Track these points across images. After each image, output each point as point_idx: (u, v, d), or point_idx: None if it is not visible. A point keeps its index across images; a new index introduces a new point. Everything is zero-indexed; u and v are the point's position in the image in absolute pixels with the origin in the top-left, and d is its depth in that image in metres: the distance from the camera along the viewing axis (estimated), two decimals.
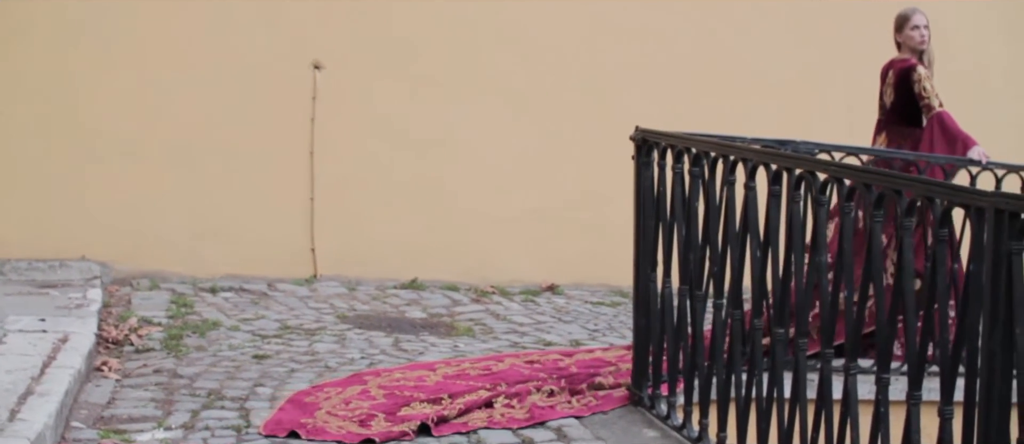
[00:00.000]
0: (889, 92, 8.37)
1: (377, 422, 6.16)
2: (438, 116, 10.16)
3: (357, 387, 6.77)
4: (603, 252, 10.00)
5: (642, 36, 10.59)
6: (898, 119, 8.35)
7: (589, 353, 7.79)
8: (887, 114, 8.42)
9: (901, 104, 8.29)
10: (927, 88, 8.14)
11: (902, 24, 8.39)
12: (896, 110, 8.33)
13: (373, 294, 9.59)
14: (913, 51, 8.34)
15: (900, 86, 8.26)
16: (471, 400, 6.48)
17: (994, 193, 4.13)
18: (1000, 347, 4.03)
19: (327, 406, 6.40)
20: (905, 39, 8.37)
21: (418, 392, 6.63)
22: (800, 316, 5.17)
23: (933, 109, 8.12)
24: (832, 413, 4.94)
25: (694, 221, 6.01)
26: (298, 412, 6.29)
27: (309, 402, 6.48)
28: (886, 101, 8.41)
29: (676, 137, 6.24)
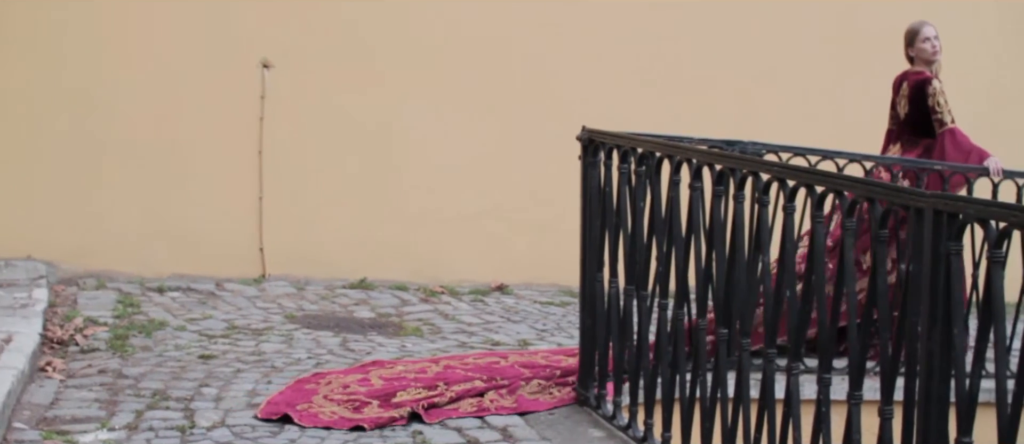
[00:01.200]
0: (903, 103, 8.47)
1: (370, 408, 6.33)
2: (387, 116, 10.14)
3: (358, 375, 6.95)
4: (553, 252, 10.01)
5: (591, 36, 10.61)
6: (911, 130, 8.45)
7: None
8: (900, 125, 8.52)
9: (915, 116, 8.39)
10: (941, 102, 8.25)
11: (913, 38, 8.51)
12: (909, 121, 8.44)
13: (322, 294, 9.56)
14: (926, 63, 8.45)
15: (914, 98, 8.37)
16: (464, 389, 6.63)
17: (933, 194, 4.14)
18: (938, 347, 4.06)
19: (325, 391, 6.59)
20: (918, 52, 8.49)
21: (416, 382, 6.76)
22: (743, 316, 5.19)
23: (945, 124, 8.24)
24: (775, 413, 4.96)
25: (640, 221, 6.02)
26: (296, 396, 6.47)
27: (309, 389, 6.65)
28: (900, 112, 8.51)
29: (622, 137, 6.25)
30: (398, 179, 10.22)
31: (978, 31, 11.72)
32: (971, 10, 11.88)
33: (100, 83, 9.61)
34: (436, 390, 6.60)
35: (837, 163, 7.81)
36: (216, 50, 9.82)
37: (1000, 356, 3.89)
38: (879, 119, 11.13)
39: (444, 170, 10.28)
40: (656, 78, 10.71)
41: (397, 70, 10.20)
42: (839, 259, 4.66)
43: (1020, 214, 3.76)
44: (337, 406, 6.35)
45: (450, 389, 6.62)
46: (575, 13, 10.58)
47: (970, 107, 9.49)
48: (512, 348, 8.14)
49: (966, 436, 4.00)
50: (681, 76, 10.80)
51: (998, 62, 11.86)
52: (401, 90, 10.20)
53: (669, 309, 5.80)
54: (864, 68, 11.37)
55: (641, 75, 10.68)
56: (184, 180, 9.80)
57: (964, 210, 3.98)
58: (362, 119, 10.11)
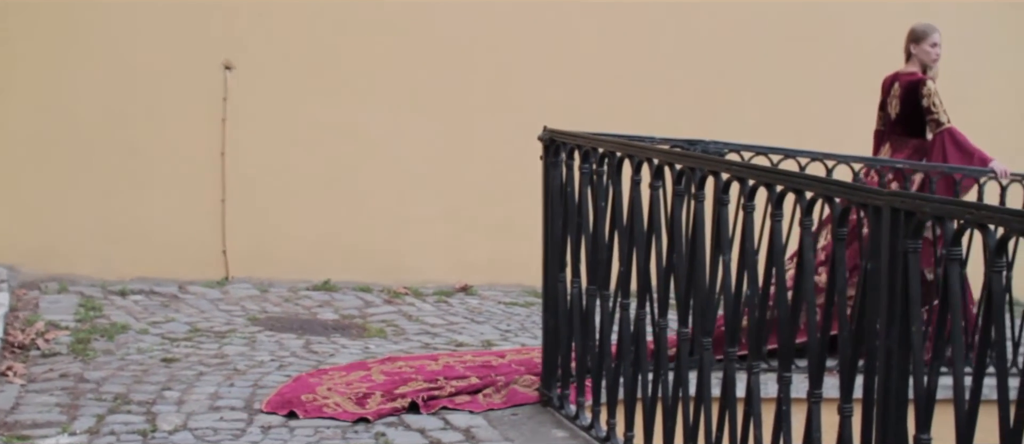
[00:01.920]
0: (895, 103, 8.58)
1: (373, 399, 6.54)
2: (350, 117, 10.12)
3: (360, 371, 7.13)
4: (516, 252, 10.01)
5: (552, 36, 10.62)
6: (901, 130, 8.57)
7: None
8: (891, 125, 8.62)
9: (906, 116, 8.49)
10: (936, 103, 8.35)
11: (921, 38, 8.58)
12: (900, 121, 8.54)
13: (285, 296, 9.54)
14: (922, 66, 8.55)
15: (907, 98, 8.45)
16: (462, 385, 6.78)
17: (890, 192, 4.16)
18: (897, 345, 4.08)
19: (328, 384, 6.79)
20: (920, 53, 8.57)
21: (417, 375, 6.99)
22: (704, 315, 5.20)
23: (942, 124, 8.35)
24: (735, 411, 4.97)
25: (601, 221, 6.03)
26: (300, 390, 6.66)
27: (312, 383, 6.82)
28: (891, 112, 8.61)
29: (583, 137, 6.26)
30: (361, 180, 10.20)
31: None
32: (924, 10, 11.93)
33: (61, 85, 9.57)
34: (436, 384, 6.78)
35: (799, 162, 7.83)
36: (178, 52, 9.79)
37: (957, 353, 3.90)
38: (839, 117, 11.22)
39: (407, 171, 10.27)
40: (618, 78, 10.73)
41: (360, 72, 10.18)
42: (798, 262, 4.69)
43: (976, 212, 3.78)
44: (340, 398, 6.54)
45: (449, 384, 6.79)
46: (536, 14, 10.59)
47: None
48: (478, 349, 8.14)
49: (924, 433, 4.03)
50: (643, 76, 10.82)
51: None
52: (364, 92, 10.18)
53: (631, 309, 5.81)
54: (826, 67, 11.43)
55: (603, 75, 10.70)
56: (146, 182, 9.76)
57: (921, 208, 4.00)
58: (325, 120, 10.09)
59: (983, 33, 11.97)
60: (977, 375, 3.83)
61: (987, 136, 8.96)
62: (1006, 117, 11.73)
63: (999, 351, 3.80)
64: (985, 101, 11.56)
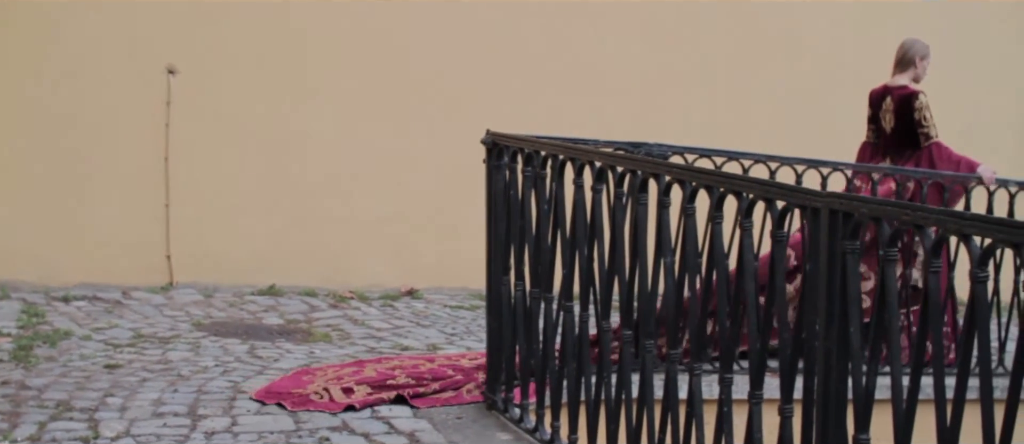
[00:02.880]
0: (889, 118, 8.67)
1: (360, 389, 6.79)
2: (293, 121, 10.11)
3: (352, 367, 7.38)
4: (461, 255, 9.99)
5: (495, 38, 10.63)
6: (899, 142, 8.66)
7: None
8: (886, 139, 8.71)
9: (901, 129, 8.59)
10: (927, 116, 8.49)
11: (925, 54, 8.72)
12: (897, 134, 8.64)
13: (230, 301, 9.51)
14: (914, 80, 8.68)
15: (900, 111, 8.56)
16: (448, 382, 6.96)
17: (829, 193, 4.18)
18: (836, 345, 4.10)
19: (321, 380, 7.03)
20: (922, 69, 8.70)
21: (403, 371, 7.22)
22: (646, 319, 5.21)
23: (931, 138, 8.50)
24: (678, 413, 4.99)
25: (544, 224, 6.03)
26: (291, 384, 6.95)
27: (305, 380, 7.06)
28: (886, 127, 8.70)
29: (526, 140, 6.27)
30: (306, 185, 10.18)
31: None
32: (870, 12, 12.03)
33: (2, 90, 9.50)
34: (423, 382, 6.93)
35: (742, 164, 7.86)
36: (121, 56, 9.76)
37: (895, 354, 3.92)
38: (782, 120, 11.29)
39: (353, 175, 10.26)
40: (562, 81, 10.75)
41: (304, 75, 10.17)
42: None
43: (912, 213, 3.80)
44: (329, 389, 6.80)
45: (435, 382, 6.92)
46: (479, 17, 10.60)
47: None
48: (421, 352, 8.14)
49: (863, 433, 4.05)
50: (587, 79, 10.85)
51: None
52: (308, 95, 10.17)
53: (575, 311, 5.82)
54: (769, 70, 11.48)
55: (547, 78, 10.72)
56: (89, 187, 9.72)
57: (859, 209, 4.02)
58: (270, 125, 10.08)
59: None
60: (914, 376, 3.85)
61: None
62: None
63: (937, 350, 3.83)
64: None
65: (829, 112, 11.63)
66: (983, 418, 3.54)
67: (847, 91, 11.61)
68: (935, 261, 3.77)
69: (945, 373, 3.73)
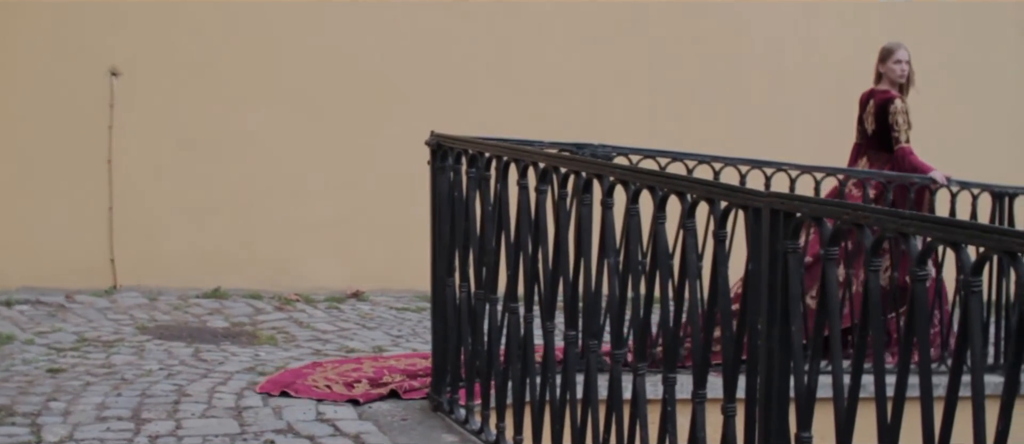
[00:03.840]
0: (870, 120, 8.89)
1: (361, 385, 7.03)
2: (237, 123, 10.08)
3: (352, 364, 7.60)
4: (407, 258, 9.98)
5: (439, 40, 10.63)
6: (877, 144, 8.89)
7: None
8: (867, 140, 8.94)
9: (879, 131, 8.83)
10: (899, 121, 8.70)
11: (886, 57, 8.92)
12: (876, 136, 8.87)
13: (175, 304, 9.47)
14: (893, 83, 8.87)
15: (879, 115, 8.78)
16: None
17: (769, 193, 4.21)
18: (778, 344, 4.12)
19: (322, 373, 7.30)
20: (887, 71, 8.92)
21: (399, 369, 7.41)
22: (590, 319, 5.23)
23: (899, 142, 8.71)
24: (622, 413, 5.00)
25: (489, 225, 6.03)
26: (294, 377, 7.18)
27: (305, 372, 7.35)
28: (867, 128, 8.91)
29: (470, 142, 6.27)
30: (251, 187, 10.16)
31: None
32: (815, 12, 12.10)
33: None
34: (416, 379, 7.10)
35: (686, 165, 7.88)
36: (63, 58, 9.70)
37: (835, 353, 3.95)
38: (728, 121, 11.34)
39: (297, 178, 10.24)
40: (506, 82, 10.77)
41: (248, 77, 10.14)
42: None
43: (852, 213, 3.83)
44: (330, 382, 7.05)
45: (427, 377, 7.03)
46: (422, 19, 10.60)
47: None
48: (367, 354, 8.13)
49: (806, 431, 4.07)
50: (532, 80, 10.87)
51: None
52: (253, 97, 10.14)
53: (519, 313, 5.82)
54: (713, 71, 11.53)
55: (491, 79, 10.73)
56: (32, 191, 9.66)
57: (800, 209, 4.05)
58: (213, 127, 10.04)
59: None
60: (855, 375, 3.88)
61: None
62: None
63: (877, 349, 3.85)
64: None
65: (773, 112, 11.71)
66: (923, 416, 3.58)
67: (791, 92, 11.71)
68: (874, 261, 3.80)
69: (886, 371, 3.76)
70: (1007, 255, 3.31)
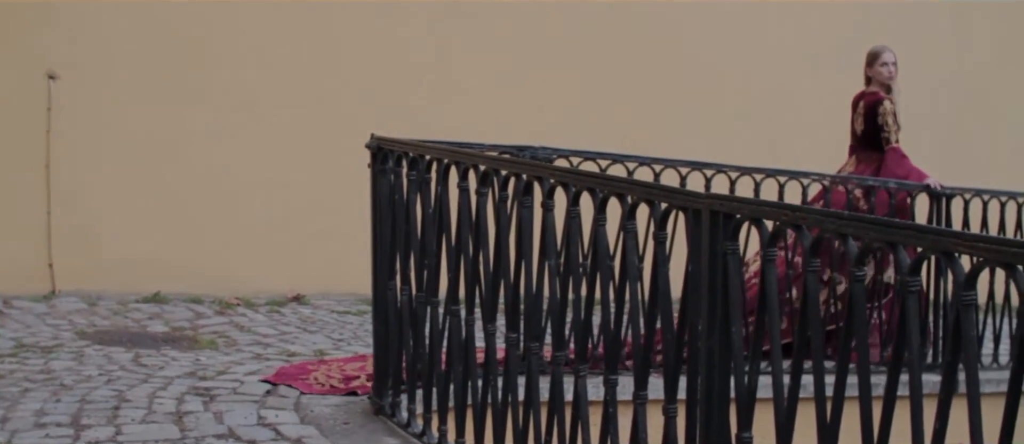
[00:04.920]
0: (859, 121, 9.16)
1: (359, 380, 7.23)
2: (177, 127, 10.03)
3: (358, 363, 7.81)
4: (348, 261, 9.97)
5: (380, 43, 10.62)
6: (866, 145, 9.17)
7: None
8: (857, 140, 9.23)
9: (868, 132, 9.09)
10: (888, 122, 8.97)
11: (873, 60, 9.19)
12: (865, 137, 9.13)
13: (114, 309, 9.41)
14: (882, 85, 9.12)
15: (868, 116, 9.04)
16: None
17: (709, 195, 4.23)
18: (718, 345, 4.14)
19: (325, 369, 7.53)
20: (875, 74, 9.17)
21: None
22: (531, 321, 5.24)
23: (889, 142, 8.98)
24: (564, 415, 5.01)
25: (430, 228, 6.03)
26: (298, 371, 7.46)
27: (310, 368, 7.58)
28: (857, 129, 9.19)
29: (410, 145, 6.26)
30: (191, 191, 10.11)
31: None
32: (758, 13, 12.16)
33: None
34: None
35: (627, 167, 7.91)
36: None
37: (776, 353, 3.97)
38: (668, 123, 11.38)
39: (235, 181, 10.20)
40: (446, 85, 10.77)
41: (188, 81, 10.10)
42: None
43: (792, 213, 3.86)
44: (333, 380, 7.25)
45: None
46: (362, 21, 10.58)
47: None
48: (309, 357, 8.11)
49: (746, 431, 4.10)
50: (471, 83, 10.88)
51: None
52: (192, 101, 10.10)
53: (461, 315, 5.82)
54: (653, 73, 11.57)
55: (431, 82, 10.74)
56: None
57: (739, 210, 4.07)
58: (153, 130, 9.99)
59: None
60: (794, 374, 3.90)
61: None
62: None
63: (816, 348, 3.88)
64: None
65: (714, 115, 11.77)
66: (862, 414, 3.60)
67: (731, 94, 11.77)
68: (813, 261, 3.82)
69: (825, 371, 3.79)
70: (944, 255, 3.35)
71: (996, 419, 3.24)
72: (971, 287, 3.32)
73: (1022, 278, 3.13)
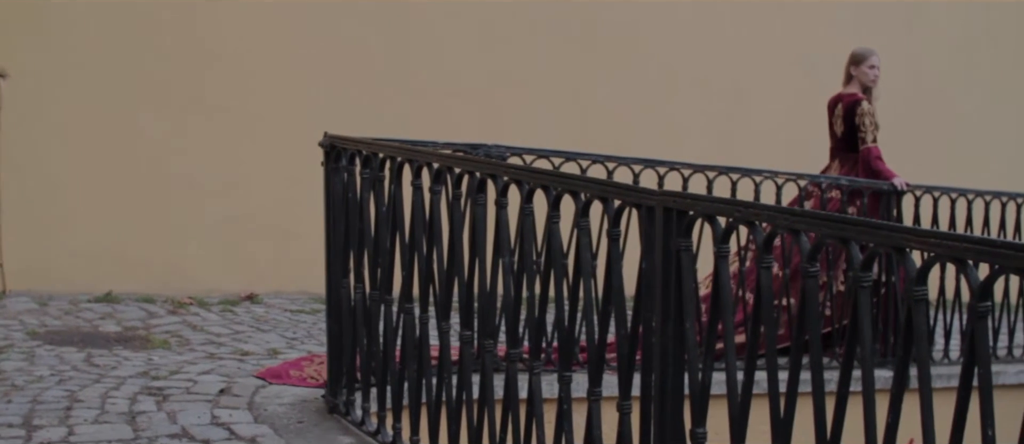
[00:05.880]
0: (839, 123, 9.22)
1: None
2: (128, 125, 9.99)
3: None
4: (301, 260, 9.98)
5: (332, 40, 10.60)
6: (846, 146, 9.23)
7: None
8: (838, 142, 9.28)
9: (848, 134, 9.16)
10: (866, 123, 9.04)
11: (860, 61, 9.25)
12: (845, 139, 9.20)
13: (66, 309, 9.35)
14: (862, 87, 9.20)
15: (847, 117, 9.11)
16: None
17: (663, 192, 4.23)
18: (672, 341, 4.15)
19: (316, 364, 7.65)
20: (859, 75, 9.24)
21: None
22: (485, 318, 5.24)
23: (865, 142, 9.04)
24: (519, 412, 5.01)
25: (383, 226, 6.02)
26: (290, 367, 7.62)
27: (303, 363, 7.73)
28: (837, 131, 9.24)
29: (364, 142, 6.25)
30: (143, 190, 10.07)
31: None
32: (710, 12, 12.19)
33: None
34: None
35: (580, 165, 7.92)
36: None
37: (730, 349, 3.99)
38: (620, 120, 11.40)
39: (188, 179, 10.17)
40: (400, 83, 10.77)
41: (138, 79, 10.05)
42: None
43: (744, 210, 3.87)
44: (320, 375, 7.32)
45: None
46: (316, 20, 10.56)
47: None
48: (262, 356, 8.08)
49: (700, 426, 4.11)
50: (425, 81, 10.87)
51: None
52: (143, 99, 10.06)
53: (415, 313, 5.82)
54: (606, 71, 11.60)
55: (385, 80, 10.73)
56: None
57: (692, 207, 4.08)
58: (103, 129, 9.94)
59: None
60: (748, 372, 3.92)
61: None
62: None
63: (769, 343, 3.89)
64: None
65: (667, 113, 11.80)
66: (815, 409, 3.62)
67: (684, 92, 11.80)
68: (765, 257, 3.84)
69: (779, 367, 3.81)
70: (896, 250, 3.37)
71: (948, 414, 3.26)
72: (922, 282, 3.34)
73: (973, 273, 3.16)
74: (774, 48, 12.48)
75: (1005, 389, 9.13)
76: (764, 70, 12.42)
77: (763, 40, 12.47)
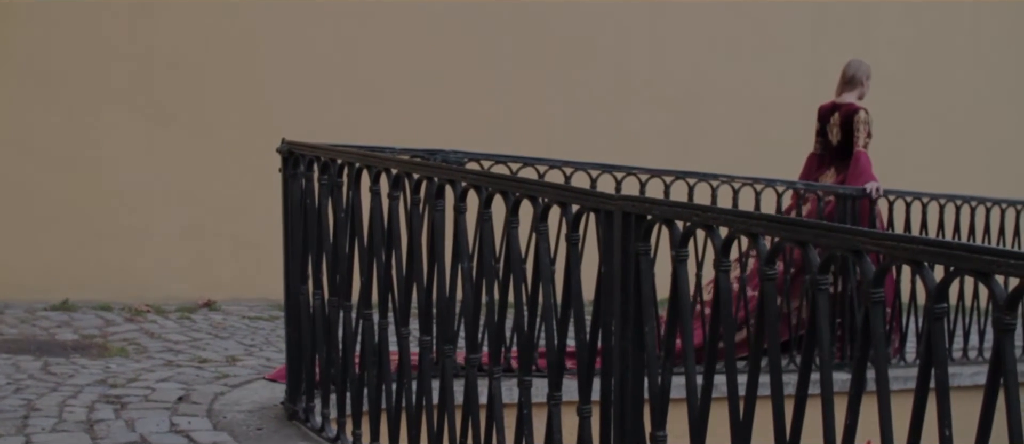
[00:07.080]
0: (835, 131, 9.29)
1: None
2: (83, 133, 9.95)
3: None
4: (260, 266, 9.96)
5: (287, 45, 10.59)
6: (842, 155, 9.28)
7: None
8: (833, 150, 9.34)
9: (845, 141, 9.21)
10: (860, 130, 9.11)
11: (868, 76, 9.37)
12: (842, 147, 9.26)
13: (22, 317, 9.30)
14: (862, 97, 9.30)
15: (845, 126, 9.17)
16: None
17: (621, 197, 4.25)
18: (632, 345, 4.17)
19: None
20: (867, 89, 9.35)
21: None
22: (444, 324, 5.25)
23: (857, 146, 9.10)
24: (478, 417, 5.02)
25: (342, 232, 6.02)
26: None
27: None
28: (833, 140, 9.31)
29: (322, 149, 6.24)
30: (99, 197, 10.03)
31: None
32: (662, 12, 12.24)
33: None
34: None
35: (538, 170, 7.93)
36: None
37: (688, 352, 4.00)
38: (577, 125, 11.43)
39: (147, 187, 10.13)
40: (357, 89, 10.76)
41: (96, 86, 10.02)
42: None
43: (702, 214, 3.89)
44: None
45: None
46: (273, 26, 10.54)
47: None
48: (220, 363, 8.06)
49: (660, 430, 4.13)
50: (382, 86, 10.88)
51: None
52: (101, 106, 10.03)
53: (374, 319, 5.82)
54: (562, 76, 11.62)
55: (342, 86, 10.72)
56: None
57: (651, 211, 4.10)
58: (61, 136, 9.90)
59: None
60: (707, 375, 3.94)
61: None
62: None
63: (728, 348, 3.91)
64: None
65: (622, 118, 11.83)
66: (774, 411, 3.64)
67: (640, 97, 11.84)
68: (724, 260, 3.86)
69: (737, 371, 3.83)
70: (853, 253, 3.39)
71: (905, 414, 3.29)
72: (879, 285, 3.37)
73: (928, 275, 3.19)
74: (728, 52, 12.53)
75: (961, 391, 9.15)
76: (718, 74, 12.46)
77: (717, 44, 12.51)
